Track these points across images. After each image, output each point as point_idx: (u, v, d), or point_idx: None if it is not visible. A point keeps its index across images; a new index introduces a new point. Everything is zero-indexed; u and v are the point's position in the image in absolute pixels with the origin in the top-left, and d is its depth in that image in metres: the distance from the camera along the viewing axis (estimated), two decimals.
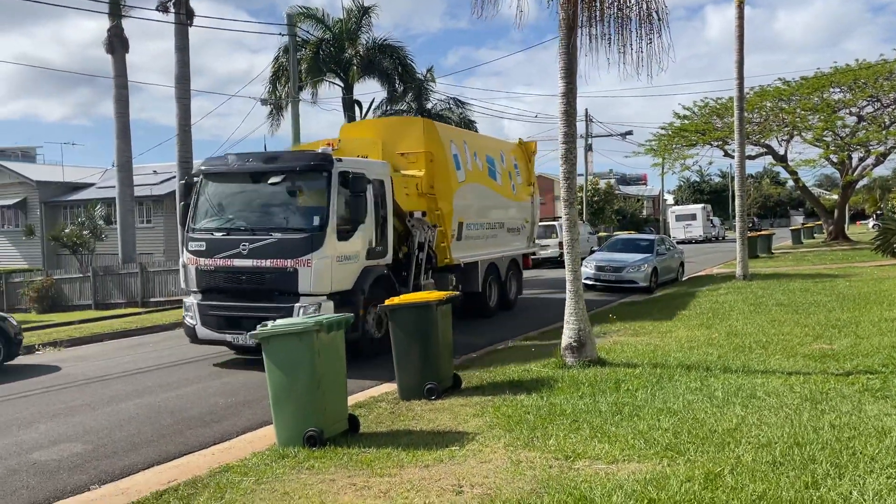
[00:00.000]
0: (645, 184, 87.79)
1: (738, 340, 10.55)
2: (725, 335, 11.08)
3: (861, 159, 38.01)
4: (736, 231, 21.08)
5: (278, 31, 25.90)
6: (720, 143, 37.44)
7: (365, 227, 10.51)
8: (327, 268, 9.86)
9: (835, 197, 50.22)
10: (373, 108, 27.44)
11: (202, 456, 6.45)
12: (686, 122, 37.88)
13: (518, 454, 5.79)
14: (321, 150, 10.60)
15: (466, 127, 26.76)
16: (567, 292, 9.45)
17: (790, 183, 64.70)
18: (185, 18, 20.67)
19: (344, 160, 10.49)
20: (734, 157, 22.26)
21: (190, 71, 21.21)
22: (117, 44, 22.06)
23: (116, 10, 22.28)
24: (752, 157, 38.82)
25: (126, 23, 22.67)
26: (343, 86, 26.82)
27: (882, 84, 33.05)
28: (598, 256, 21.18)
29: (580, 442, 6.00)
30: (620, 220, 57.57)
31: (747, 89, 29.97)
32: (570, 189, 9.51)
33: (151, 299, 23.17)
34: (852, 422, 6.19)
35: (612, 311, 15.31)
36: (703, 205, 58.98)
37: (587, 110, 48.71)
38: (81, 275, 24.87)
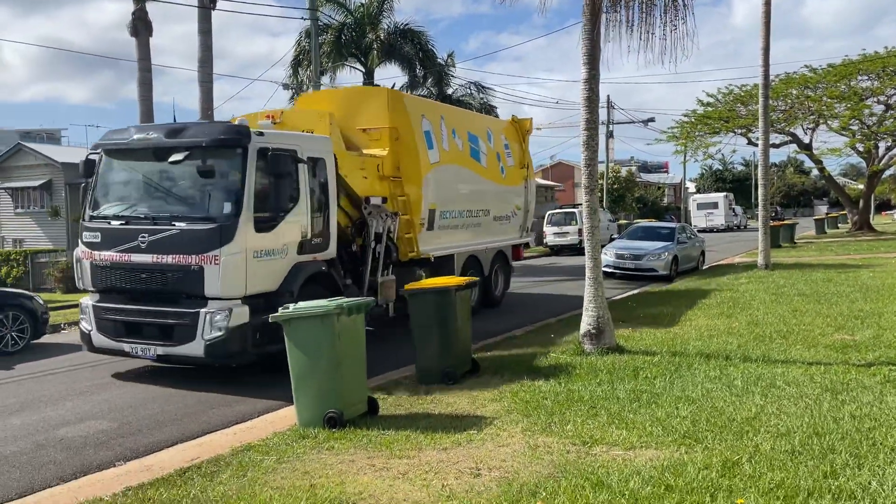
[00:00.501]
0: (666, 171, 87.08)
1: (758, 330, 10.49)
2: (746, 325, 11.03)
3: (888, 148, 37.44)
4: (758, 220, 20.88)
5: (300, 16, 25.88)
6: (744, 130, 37.02)
7: (295, 216, 8.85)
8: (240, 265, 8.11)
9: (860, 186, 49.46)
10: None
11: (224, 435, 6.56)
12: (709, 109, 37.47)
13: (536, 439, 5.83)
14: (238, 122, 8.89)
15: (487, 113, 26.63)
16: (586, 279, 9.44)
17: (815, 172, 63.96)
18: (208, 2, 20.72)
19: (267, 133, 8.69)
20: (758, 145, 22.01)
21: (213, 54, 21.29)
22: (141, 27, 22.18)
23: None
24: (777, 146, 38.38)
25: (150, 6, 22.76)
26: (364, 71, 26.81)
27: None
28: (617, 244, 21.08)
29: (598, 428, 6.03)
30: (641, 207, 57.16)
31: (773, 76, 29.53)
32: (591, 176, 9.49)
33: None
34: (873, 412, 6.16)
35: (632, 298, 15.27)
36: (725, 193, 58.41)
37: (609, 97, 48.32)
38: None
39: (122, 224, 8.70)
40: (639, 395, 7.01)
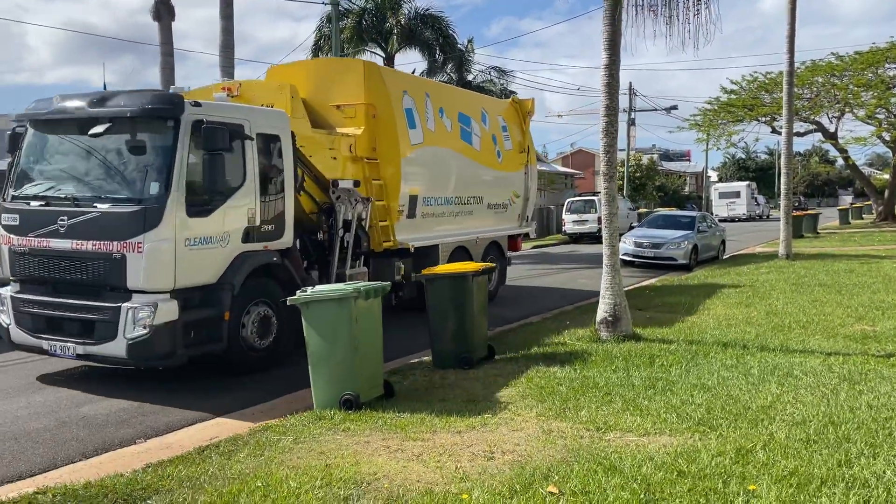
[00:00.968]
0: (688, 160, 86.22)
1: (777, 320, 10.43)
2: (765, 314, 10.96)
3: None
4: (780, 210, 20.68)
5: (321, 1, 25.87)
6: (768, 119, 36.55)
7: (240, 199, 7.89)
8: (167, 254, 7.15)
9: (886, 176, 48.64)
10: None
11: (243, 415, 6.66)
12: (733, 96, 37.01)
13: (549, 424, 5.86)
14: (171, 91, 7.99)
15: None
16: (603, 267, 9.43)
17: (839, 161, 63.02)
18: None
19: (205, 105, 7.68)
20: (782, 133, 21.74)
21: (234, 39, 21.37)
22: (164, 11, 22.29)
23: None
24: (801, 134, 37.87)
25: None
26: (384, 56, 26.79)
27: None
28: (637, 232, 20.97)
29: (612, 414, 6.05)
30: (662, 196, 56.67)
31: (798, 64, 29.13)
32: (610, 163, 9.45)
33: None
34: (891, 402, 6.12)
35: (650, 287, 15.22)
36: (747, 182, 57.78)
37: (631, 83, 47.70)
38: None
39: (41, 205, 7.71)
40: (654, 382, 7.01)
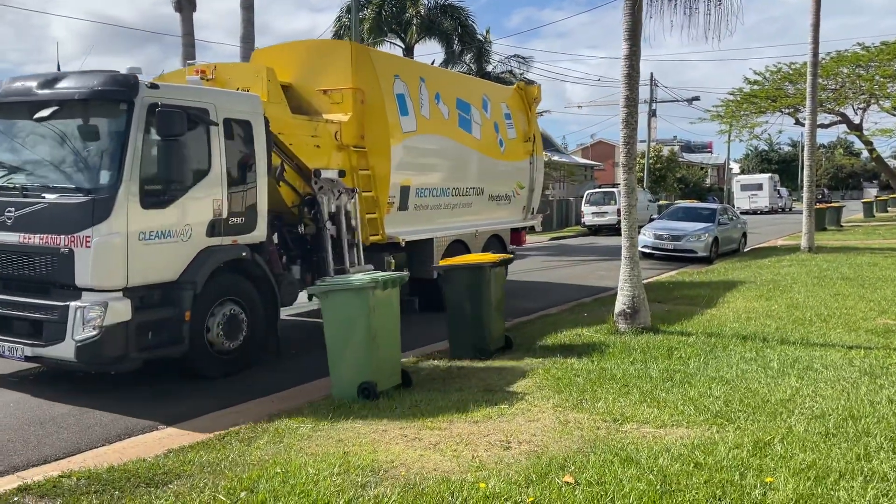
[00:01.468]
0: (710, 152, 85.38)
1: (798, 313, 10.34)
2: (785, 307, 10.87)
3: None
4: (803, 202, 20.45)
5: None
6: (791, 110, 36.01)
7: (204, 189, 7.28)
8: (118, 249, 6.56)
9: None
10: None
11: (261, 403, 6.74)
12: (756, 87, 36.54)
13: (566, 415, 5.88)
14: (127, 71, 7.16)
15: None
16: (622, 259, 9.40)
17: (864, 154, 61.99)
18: None
19: (164, 87, 7.11)
20: (805, 125, 21.48)
21: (255, 30, 21.47)
22: (185, 2, 22.43)
23: None
24: (825, 126, 37.27)
25: None
26: (403, 46, 26.79)
27: None
28: (656, 224, 20.85)
29: (629, 406, 6.05)
30: (682, 188, 56.25)
31: (823, 54, 28.69)
32: (629, 155, 9.41)
33: None
34: None
35: (669, 279, 15.14)
36: (770, 174, 57.18)
37: (652, 74, 47.45)
38: None
39: None
40: (672, 374, 7.00)
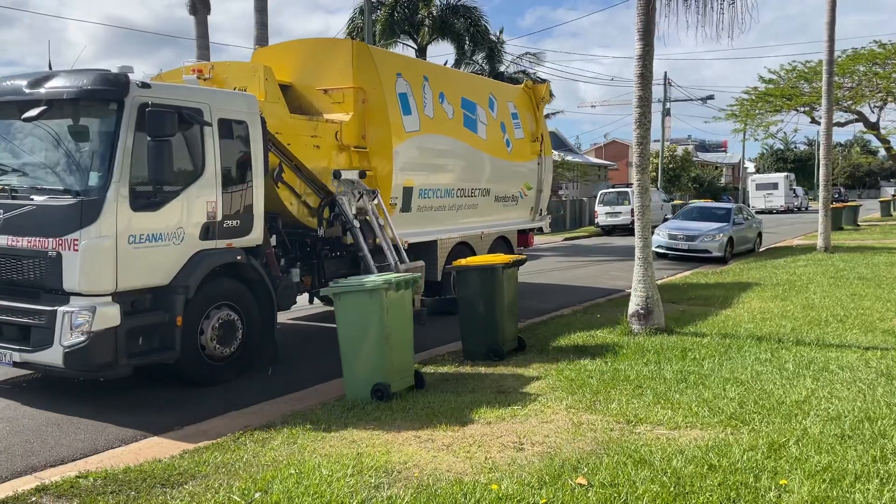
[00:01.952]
0: (725, 151, 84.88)
1: (814, 314, 10.26)
2: (801, 308, 10.79)
3: None
4: (819, 201, 20.29)
5: None
6: (807, 109, 35.72)
7: (197, 191, 7.13)
8: (107, 252, 6.43)
9: None
10: None
11: (275, 404, 6.77)
12: (771, 86, 36.28)
13: (579, 416, 5.87)
14: (118, 70, 6.92)
15: None
16: (636, 259, 9.37)
17: (882, 152, 61.36)
18: None
19: (155, 86, 6.97)
20: (821, 123, 21.31)
21: (268, 33, 21.58)
22: (199, 5, 22.57)
23: None
24: (842, 125, 36.96)
25: None
26: (416, 47, 26.83)
27: None
28: (670, 224, 20.75)
29: (643, 407, 6.03)
30: (697, 187, 55.93)
31: (839, 52, 28.47)
32: (642, 155, 9.38)
33: None
34: None
35: (683, 280, 15.07)
36: (785, 173, 56.72)
37: (666, 73, 47.27)
38: None
39: None
40: (686, 375, 6.97)
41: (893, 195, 54.78)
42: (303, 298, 9.73)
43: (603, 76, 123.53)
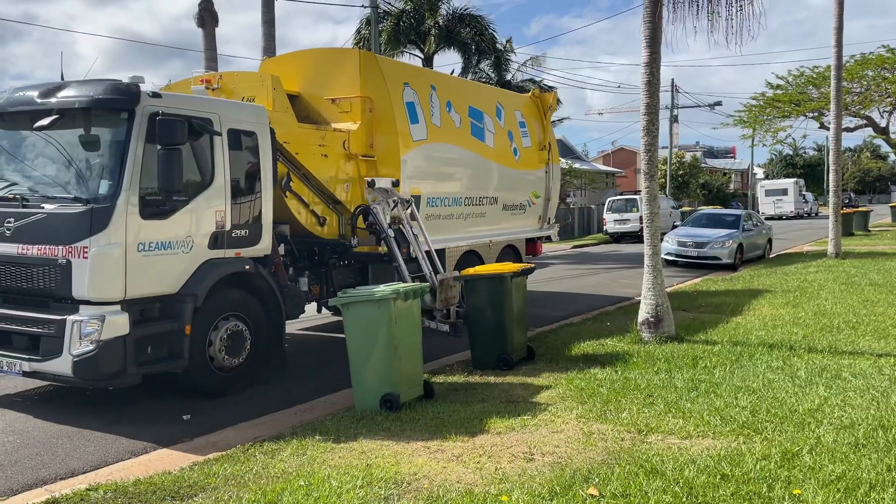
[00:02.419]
0: (733, 157, 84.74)
1: (825, 320, 10.18)
2: (812, 314, 10.71)
3: None
4: (829, 207, 20.17)
5: (361, 4, 26.16)
6: (816, 114, 35.61)
7: (206, 200, 7.17)
8: (116, 260, 6.46)
9: None
10: None
11: (284, 415, 6.76)
12: (779, 92, 36.20)
13: (590, 426, 5.83)
14: (129, 80, 6.98)
15: None
16: (645, 267, 9.33)
17: (892, 157, 61.14)
18: None
19: (166, 96, 7.03)
20: (830, 129, 21.21)
21: (276, 44, 21.69)
22: (207, 18, 22.73)
23: None
24: (851, 130, 36.80)
25: None
26: (422, 57, 26.92)
27: None
28: (679, 231, 20.67)
29: (654, 416, 5.98)
30: (706, 194, 55.78)
31: (848, 57, 28.36)
32: (650, 162, 9.36)
33: None
34: None
35: (693, 287, 14.99)
36: (795, 179, 56.49)
37: (673, 80, 47.26)
38: None
39: None
40: (697, 384, 6.92)
41: None
42: (311, 308, 9.73)
43: (610, 83, 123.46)
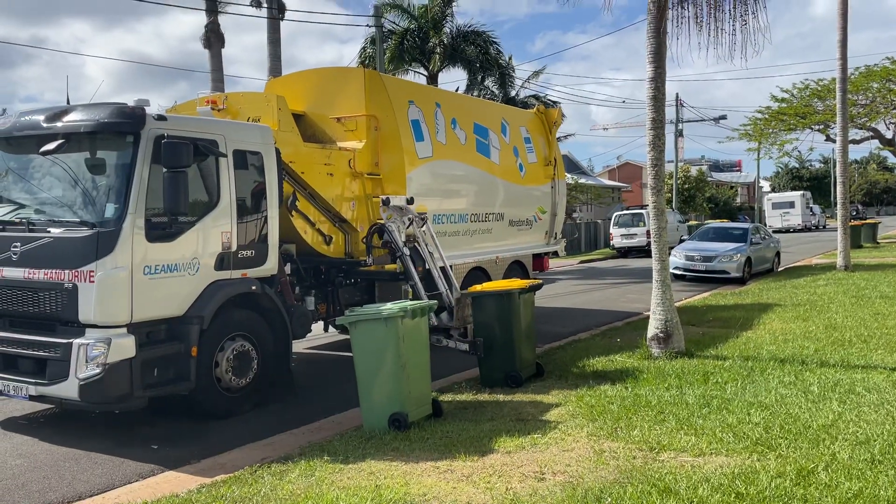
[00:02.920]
0: (739, 170, 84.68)
1: (837, 334, 10.09)
2: (823, 328, 10.62)
3: None
4: (837, 219, 20.08)
5: (365, 24, 26.35)
6: (822, 127, 35.56)
7: (212, 222, 7.17)
8: (122, 283, 6.45)
9: None
10: None
11: (292, 435, 6.72)
12: (784, 105, 36.19)
13: (601, 444, 5.76)
14: (134, 104, 6.97)
15: None
16: (653, 282, 9.27)
17: None
18: (276, 13, 21.32)
19: (171, 118, 7.03)
20: (836, 141, 21.17)
21: (282, 64, 21.85)
22: (214, 39, 22.93)
23: (213, 7, 23.16)
24: (857, 142, 36.69)
25: (221, 18, 23.55)
26: (427, 74, 27.05)
27: None
28: (687, 245, 20.60)
29: (665, 434, 5.91)
30: (712, 208, 55.68)
31: (853, 69, 28.38)
32: (657, 177, 9.33)
33: None
34: None
35: (702, 301, 14.90)
36: (801, 192, 56.36)
37: (678, 94, 47.12)
38: None
39: None
40: (709, 400, 6.84)
41: None
42: (318, 327, 9.70)
43: (615, 98, 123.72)
